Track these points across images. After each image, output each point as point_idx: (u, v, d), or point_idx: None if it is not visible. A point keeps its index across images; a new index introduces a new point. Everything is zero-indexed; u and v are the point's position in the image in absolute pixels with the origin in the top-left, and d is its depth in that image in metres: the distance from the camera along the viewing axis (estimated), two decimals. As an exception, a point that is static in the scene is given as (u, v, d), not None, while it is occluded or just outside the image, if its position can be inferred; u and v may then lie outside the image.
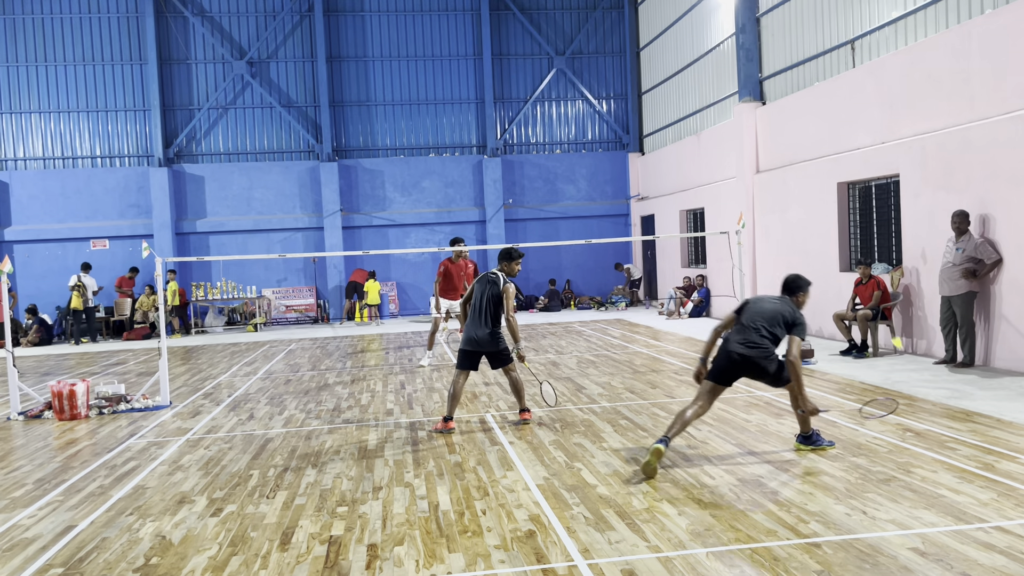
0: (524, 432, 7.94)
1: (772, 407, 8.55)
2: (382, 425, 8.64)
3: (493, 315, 8.02)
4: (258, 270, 23.91)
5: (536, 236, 24.86)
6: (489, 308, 8.02)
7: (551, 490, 5.98)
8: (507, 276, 8.18)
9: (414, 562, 4.74)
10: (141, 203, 23.52)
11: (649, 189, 24.33)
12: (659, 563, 4.53)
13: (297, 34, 24.28)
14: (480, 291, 8.09)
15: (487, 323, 8.01)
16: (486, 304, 8.01)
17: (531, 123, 25.58)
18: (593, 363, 12.58)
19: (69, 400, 9.80)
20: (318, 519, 5.58)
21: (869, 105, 13.08)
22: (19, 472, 7.34)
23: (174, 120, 23.93)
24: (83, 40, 23.49)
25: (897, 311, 12.30)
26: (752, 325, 6.64)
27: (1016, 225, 9.98)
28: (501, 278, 8.09)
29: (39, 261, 23.09)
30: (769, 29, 16.93)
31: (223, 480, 6.71)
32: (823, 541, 4.75)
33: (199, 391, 11.62)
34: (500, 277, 8.11)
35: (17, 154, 23.36)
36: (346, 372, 12.92)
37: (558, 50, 25.38)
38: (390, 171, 24.58)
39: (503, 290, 8.01)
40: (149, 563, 4.93)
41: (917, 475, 5.92)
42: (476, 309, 8.08)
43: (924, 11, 12.18)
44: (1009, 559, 4.38)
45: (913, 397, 8.75)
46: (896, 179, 12.57)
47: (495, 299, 8.01)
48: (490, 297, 8.03)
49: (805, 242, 15.04)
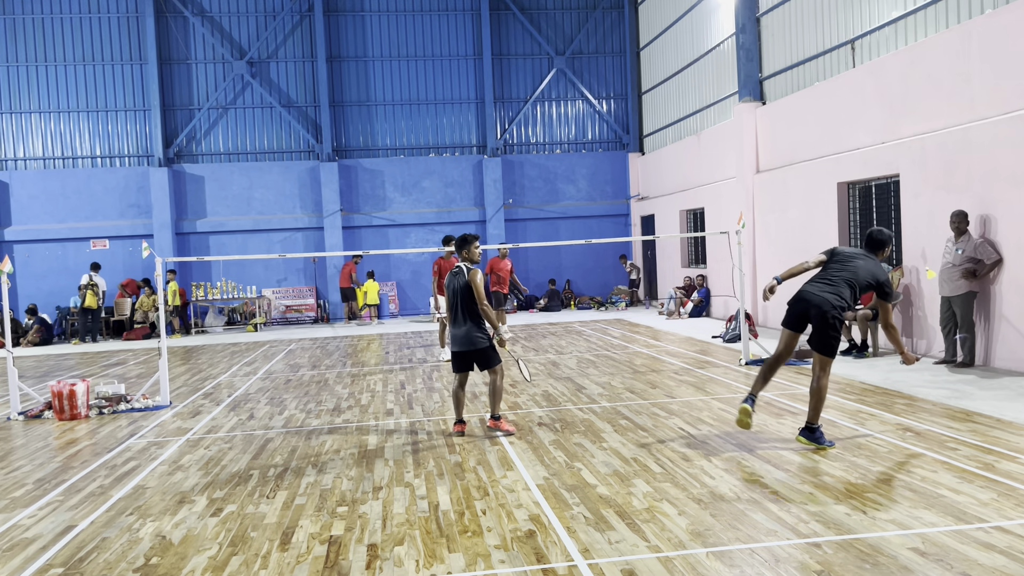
0: (524, 432, 7.94)
1: (772, 407, 8.55)
2: (382, 425, 8.64)
3: (468, 310, 7.75)
4: (258, 270, 23.91)
5: (536, 236, 24.86)
6: (462, 303, 7.76)
7: (551, 490, 5.98)
8: (471, 264, 7.89)
9: (414, 562, 4.74)
10: (141, 203, 23.53)
11: (649, 189, 24.33)
12: (659, 563, 4.53)
13: (297, 34, 24.29)
14: (451, 288, 7.84)
15: (464, 320, 7.77)
16: (459, 300, 7.77)
17: (531, 123, 25.58)
18: (593, 363, 12.58)
19: (69, 400, 9.80)
20: (318, 519, 5.58)
21: (869, 105, 13.08)
22: (19, 472, 7.34)
23: (174, 120, 23.94)
24: (83, 40, 23.49)
25: (897, 311, 12.30)
26: (841, 279, 6.69)
27: (1016, 225, 9.98)
28: (464, 268, 7.80)
29: (39, 261, 23.09)
30: (769, 29, 16.93)
31: (223, 480, 6.71)
32: (823, 541, 4.75)
33: (199, 391, 11.62)
34: (463, 268, 7.82)
35: (17, 154, 23.36)
36: (346, 372, 12.92)
37: (558, 50, 25.38)
38: (390, 171, 24.58)
39: (469, 279, 7.70)
40: (149, 563, 4.93)
41: (917, 475, 5.92)
42: (451, 307, 7.87)
43: (924, 11, 12.18)
44: (1009, 559, 4.38)
45: (913, 397, 8.75)
46: (896, 179, 12.57)
47: (464, 291, 7.73)
48: (458, 290, 7.76)
49: (805, 242, 15.04)
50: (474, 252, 7.96)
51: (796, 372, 10.79)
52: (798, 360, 11.48)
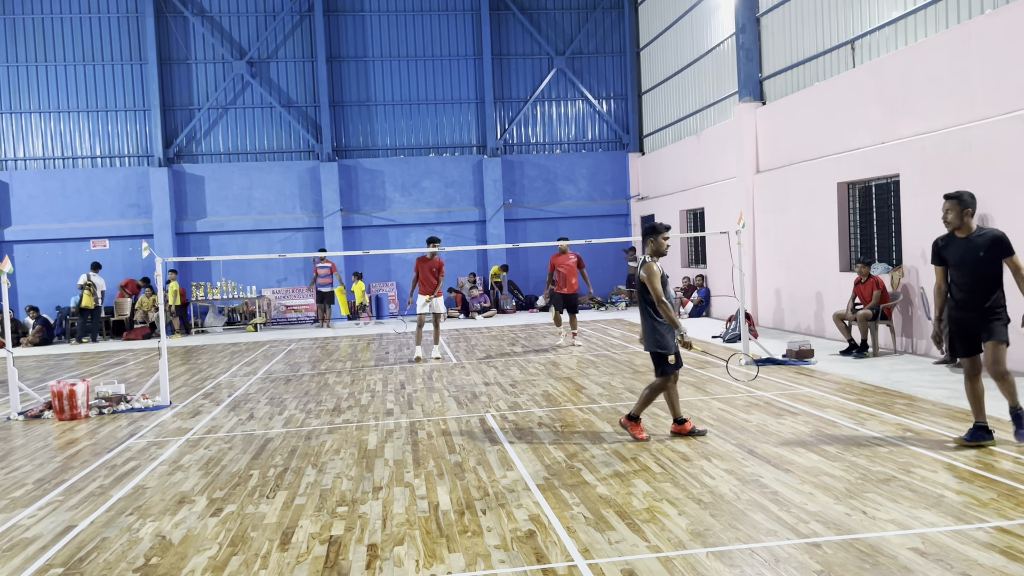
0: (524, 432, 7.94)
1: (772, 407, 8.55)
2: (382, 425, 8.64)
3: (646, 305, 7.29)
4: (258, 270, 23.91)
5: (536, 236, 24.85)
6: (639, 298, 7.37)
7: (551, 490, 5.98)
8: (651, 256, 7.36)
9: (414, 562, 4.74)
10: (141, 203, 23.52)
11: (649, 189, 24.33)
12: (659, 563, 4.53)
13: (297, 34, 24.29)
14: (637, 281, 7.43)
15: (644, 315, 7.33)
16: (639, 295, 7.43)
17: (531, 123, 25.57)
18: (593, 363, 12.58)
19: (69, 400, 9.80)
20: (318, 519, 5.58)
21: (869, 105, 13.08)
22: (19, 472, 7.34)
23: (174, 120, 23.93)
24: (83, 40, 23.48)
25: (897, 311, 12.30)
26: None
27: (1016, 225, 9.97)
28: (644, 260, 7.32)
29: (39, 261, 23.09)
30: (769, 29, 16.93)
31: (223, 480, 6.71)
32: (823, 541, 4.75)
33: (199, 391, 11.62)
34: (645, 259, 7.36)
35: (17, 154, 23.36)
36: (346, 372, 12.92)
37: (558, 50, 25.38)
38: (390, 171, 24.58)
39: (644, 272, 7.26)
40: (149, 563, 4.93)
41: (917, 475, 5.91)
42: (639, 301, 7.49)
43: (924, 11, 12.18)
44: (1009, 559, 4.38)
45: (913, 397, 8.75)
46: (896, 179, 12.57)
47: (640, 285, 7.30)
48: (637, 284, 7.41)
49: (805, 242, 15.04)
50: (660, 243, 7.32)
51: (796, 372, 10.79)
52: (798, 360, 11.48)
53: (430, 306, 13.69)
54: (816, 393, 9.20)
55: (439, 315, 13.89)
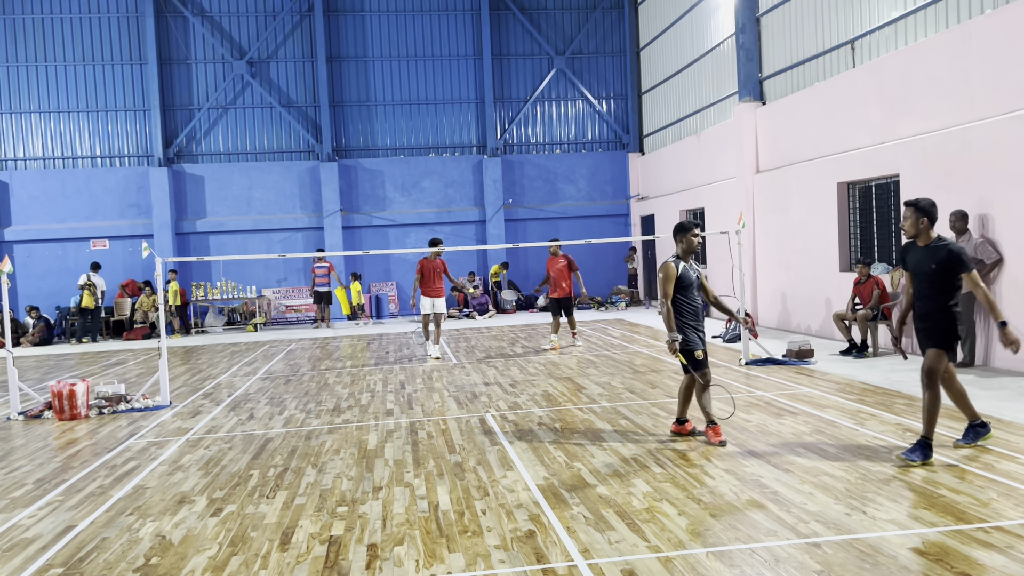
0: (524, 432, 7.94)
1: (772, 407, 8.55)
2: (382, 425, 8.64)
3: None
4: (258, 270, 23.91)
5: (536, 236, 24.85)
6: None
7: (551, 490, 5.97)
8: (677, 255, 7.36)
9: (414, 562, 4.74)
10: (141, 203, 23.52)
11: (649, 189, 24.33)
12: (659, 563, 4.53)
13: (297, 34, 24.28)
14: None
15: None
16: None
17: (531, 123, 25.57)
18: (593, 363, 12.58)
19: (69, 400, 9.80)
20: (318, 519, 5.58)
21: (869, 105, 13.08)
22: (19, 472, 7.34)
23: (174, 120, 23.93)
24: (83, 40, 23.49)
25: (897, 311, 12.30)
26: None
27: (1016, 225, 9.98)
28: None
29: (39, 261, 23.09)
30: (769, 29, 16.93)
31: (223, 480, 6.71)
32: (823, 541, 4.75)
33: (199, 391, 11.62)
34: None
35: (17, 154, 23.36)
36: (346, 372, 12.92)
37: (558, 50, 25.38)
38: (390, 171, 24.58)
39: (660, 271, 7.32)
40: (149, 563, 4.93)
41: (917, 475, 5.91)
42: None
43: (924, 11, 12.18)
44: (1009, 559, 4.38)
45: (913, 397, 8.74)
46: (896, 179, 12.57)
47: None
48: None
49: (805, 242, 15.04)
50: (691, 241, 7.28)
51: (796, 372, 10.79)
52: (798, 360, 11.48)
53: (434, 307, 13.99)
54: (816, 393, 9.20)
55: (440, 315, 14.02)
